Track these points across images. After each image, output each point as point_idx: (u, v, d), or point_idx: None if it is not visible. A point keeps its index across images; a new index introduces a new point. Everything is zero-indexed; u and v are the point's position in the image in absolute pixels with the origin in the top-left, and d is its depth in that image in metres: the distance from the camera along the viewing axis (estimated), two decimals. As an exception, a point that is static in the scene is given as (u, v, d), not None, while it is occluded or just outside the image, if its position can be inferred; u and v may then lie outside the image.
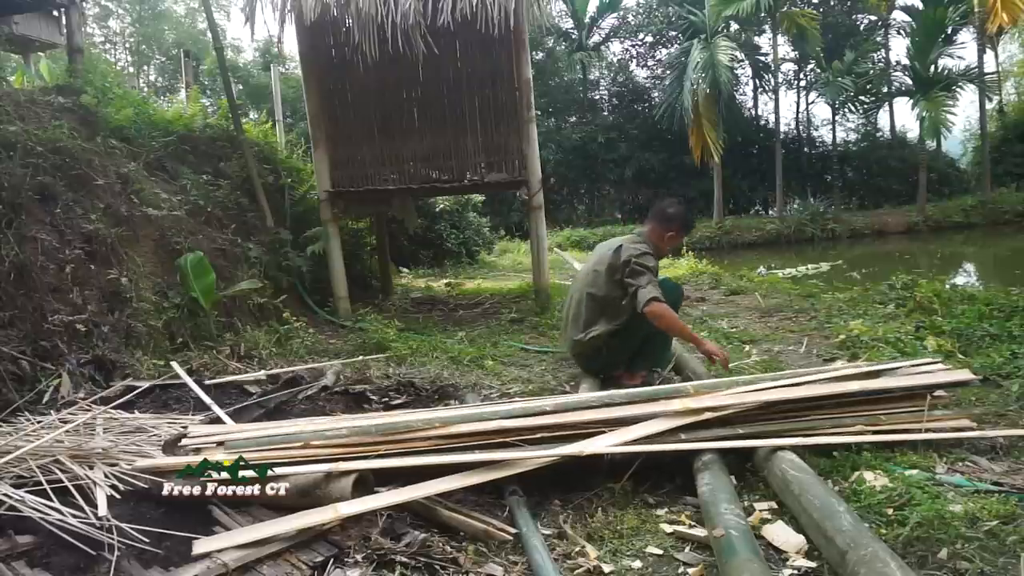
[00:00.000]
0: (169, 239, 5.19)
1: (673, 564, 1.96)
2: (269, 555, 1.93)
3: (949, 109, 20.00)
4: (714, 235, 21.39)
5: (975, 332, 4.07)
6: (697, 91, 21.01)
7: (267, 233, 6.56)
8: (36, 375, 3.60)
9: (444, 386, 3.89)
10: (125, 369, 3.98)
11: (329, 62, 6.81)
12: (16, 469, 2.46)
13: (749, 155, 26.95)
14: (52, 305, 3.92)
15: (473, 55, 6.67)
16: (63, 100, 5.51)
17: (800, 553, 1.91)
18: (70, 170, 4.70)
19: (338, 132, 6.74)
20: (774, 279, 9.23)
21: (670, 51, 26.31)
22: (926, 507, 1.94)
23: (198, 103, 8.87)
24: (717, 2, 20.59)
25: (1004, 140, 25.10)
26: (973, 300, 5.02)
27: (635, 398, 2.71)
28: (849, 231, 21.67)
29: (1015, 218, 20.58)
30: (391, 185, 6.80)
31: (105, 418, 3.11)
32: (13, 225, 4.03)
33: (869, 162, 26.37)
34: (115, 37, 33.10)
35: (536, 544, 1.96)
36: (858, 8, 26.23)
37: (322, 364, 4.47)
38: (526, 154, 6.53)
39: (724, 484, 2.17)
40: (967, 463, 2.37)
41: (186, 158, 6.44)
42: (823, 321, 5.34)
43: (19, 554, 2.03)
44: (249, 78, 26.96)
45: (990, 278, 12.15)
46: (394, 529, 2.08)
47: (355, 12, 6.04)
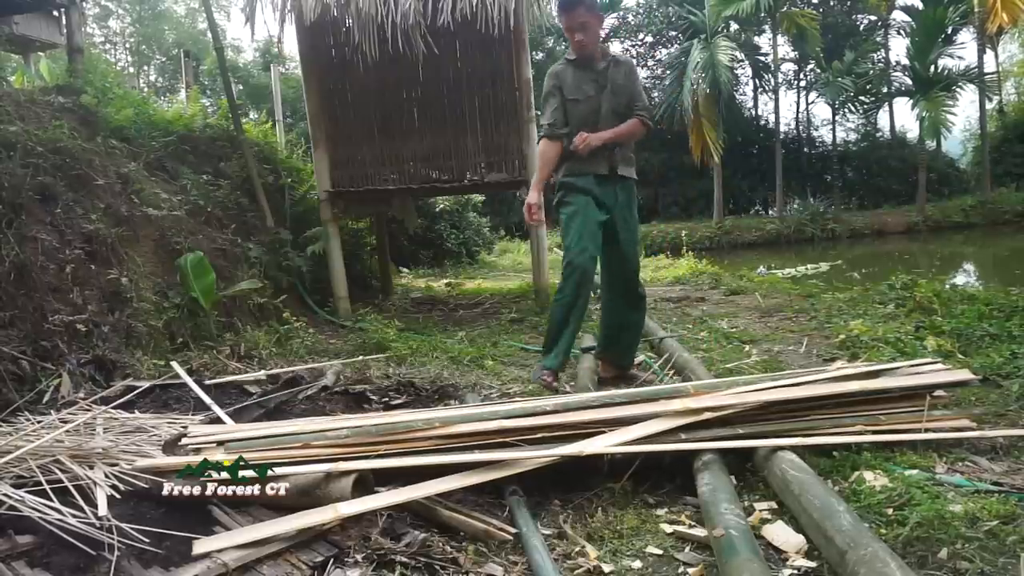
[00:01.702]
0: (169, 239, 5.19)
1: (673, 564, 1.96)
2: (269, 555, 1.93)
3: (949, 109, 20.01)
4: (714, 235, 21.40)
5: (975, 332, 4.07)
6: (697, 91, 21.02)
7: (267, 233, 6.56)
8: (36, 375, 3.61)
9: (444, 386, 3.89)
10: (125, 369, 3.99)
11: (329, 62, 6.81)
12: (16, 469, 2.46)
13: (749, 155, 26.95)
14: (52, 305, 3.92)
15: (473, 55, 6.68)
16: (63, 100, 5.51)
17: (800, 553, 1.91)
18: (70, 170, 4.70)
19: (338, 132, 6.75)
20: (774, 279, 9.23)
21: (670, 51, 26.31)
22: (926, 507, 1.94)
23: (198, 103, 8.87)
24: (717, 2, 20.59)
25: (1004, 140, 25.11)
26: (973, 300, 5.02)
27: (635, 398, 2.71)
28: (849, 231, 21.67)
29: (1015, 218, 20.58)
30: (391, 185, 6.81)
31: (105, 418, 3.11)
32: (13, 225, 4.03)
33: (869, 162, 26.37)
34: (115, 37, 33.12)
35: (536, 544, 1.96)
36: (858, 8, 26.23)
37: (322, 364, 4.47)
38: (526, 154, 6.53)
39: (724, 484, 2.17)
40: (967, 463, 2.37)
41: (186, 158, 6.44)
42: (823, 321, 5.34)
43: (19, 554, 2.02)
44: (249, 78, 26.98)
45: (990, 278, 12.16)
46: (394, 529, 2.08)
47: (355, 12, 6.05)
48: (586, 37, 3.57)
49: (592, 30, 3.59)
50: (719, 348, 4.74)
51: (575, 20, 3.54)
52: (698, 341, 5.02)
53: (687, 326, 5.67)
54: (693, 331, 5.41)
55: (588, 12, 3.54)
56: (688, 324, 5.78)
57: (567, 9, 3.59)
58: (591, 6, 3.58)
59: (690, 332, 5.36)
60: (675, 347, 4.37)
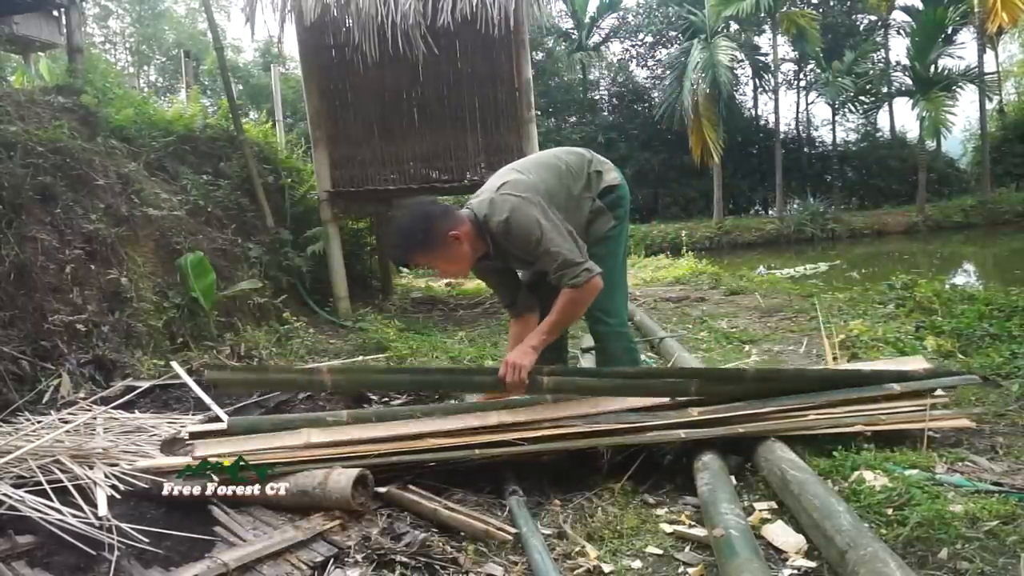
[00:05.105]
0: (169, 239, 5.19)
1: (673, 564, 1.96)
2: (269, 555, 1.93)
3: (949, 109, 20.00)
4: (714, 235, 21.39)
5: (975, 332, 4.06)
6: (697, 91, 21.01)
7: (267, 233, 6.56)
8: (36, 375, 3.61)
9: (444, 386, 3.88)
10: (125, 369, 3.99)
11: (329, 62, 6.81)
12: (16, 469, 2.46)
13: (749, 155, 26.94)
14: (52, 305, 3.92)
15: (473, 55, 6.67)
16: (63, 100, 5.51)
17: (800, 553, 1.91)
18: (70, 170, 4.70)
19: (338, 132, 6.75)
20: (774, 279, 9.23)
21: (670, 51, 26.29)
22: (926, 507, 1.94)
23: (198, 103, 8.87)
24: (717, 2, 20.58)
25: (1004, 140, 25.09)
26: (973, 300, 5.01)
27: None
28: (849, 231, 21.66)
29: (1015, 218, 20.57)
30: (391, 185, 6.81)
31: (105, 418, 3.11)
32: (13, 225, 4.03)
33: (869, 162, 26.36)
34: (115, 37, 33.09)
35: (536, 544, 1.96)
36: (858, 8, 26.22)
37: (322, 364, 4.47)
38: (526, 154, 6.53)
39: (724, 484, 2.18)
40: (967, 463, 2.37)
41: (186, 158, 6.44)
42: (823, 321, 5.33)
43: (19, 554, 2.03)
44: (249, 78, 26.96)
45: (990, 278, 12.14)
46: (394, 529, 2.09)
47: (355, 12, 6.06)
48: (441, 270, 2.89)
49: (443, 261, 2.61)
50: (719, 348, 4.75)
51: (418, 265, 2.95)
52: (698, 341, 5.02)
53: (687, 326, 5.67)
54: (693, 331, 5.41)
55: (424, 255, 2.58)
56: (688, 324, 5.78)
57: (403, 263, 3.02)
58: (414, 254, 2.59)
59: (690, 332, 5.37)
60: (675, 347, 4.37)
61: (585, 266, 2.49)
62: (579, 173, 2.76)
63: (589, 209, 2.74)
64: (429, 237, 2.47)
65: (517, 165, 2.81)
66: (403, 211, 2.55)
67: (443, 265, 2.64)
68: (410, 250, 2.55)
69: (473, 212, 2.57)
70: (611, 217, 2.79)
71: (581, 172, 2.76)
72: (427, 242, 2.48)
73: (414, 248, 2.52)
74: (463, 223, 2.52)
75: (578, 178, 2.75)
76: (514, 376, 2.48)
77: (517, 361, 2.49)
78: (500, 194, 2.53)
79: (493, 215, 2.50)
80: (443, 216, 2.51)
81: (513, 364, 2.49)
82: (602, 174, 2.80)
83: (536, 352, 2.55)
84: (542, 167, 2.73)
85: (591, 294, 2.54)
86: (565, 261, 2.47)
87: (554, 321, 2.58)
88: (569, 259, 2.47)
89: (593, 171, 2.79)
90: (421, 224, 2.47)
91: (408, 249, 2.55)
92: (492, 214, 2.51)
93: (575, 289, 2.50)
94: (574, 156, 2.83)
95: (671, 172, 26.21)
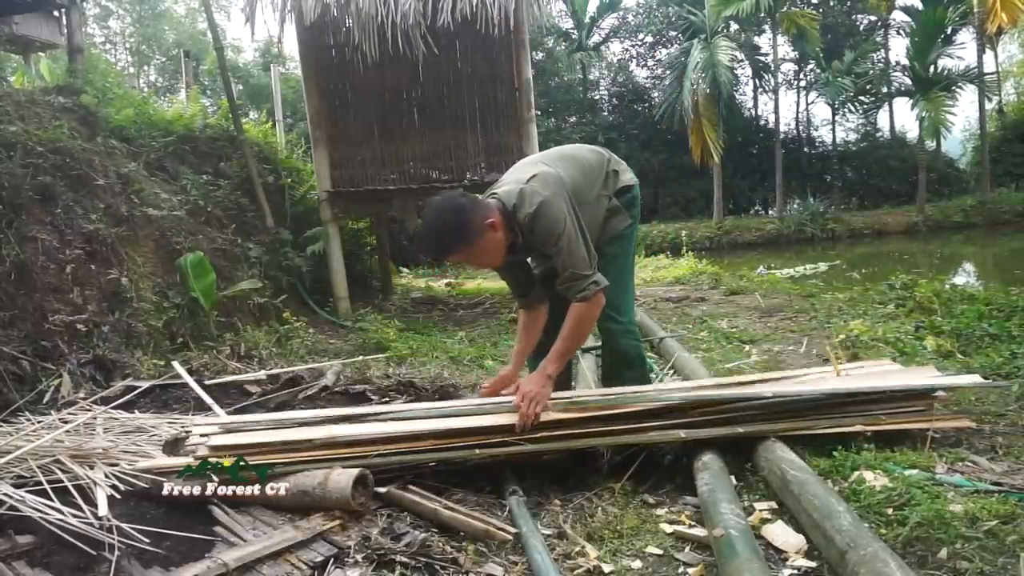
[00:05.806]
0: (169, 239, 5.20)
1: (673, 564, 1.96)
2: (269, 555, 1.93)
3: (949, 109, 19.99)
4: (714, 235, 21.38)
5: (975, 332, 4.07)
6: (697, 91, 21.01)
7: (267, 233, 6.57)
8: (36, 375, 3.61)
9: (444, 386, 3.89)
10: (125, 369, 3.99)
11: (329, 62, 6.81)
12: (16, 469, 2.46)
13: (749, 155, 26.93)
14: (52, 305, 3.92)
15: (473, 55, 6.68)
16: (63, 100, 5.51)
17: (800, 553, 1.91)
18: (70, 170, 4.70)
19: (338, 132, 6.75)
20: (774, 279, 9.23)
21: (670, 51, 26.29)
22: (926, 507, 1.94)
23: (198, 103, 8.87)
24: (717, 2, 20.58)
25: (1004, 140, 25.08)
26: (973, 300, 5.02)
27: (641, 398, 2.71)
28: (849, 231, 21.66)
29: (1015, 218, 20.55)
30: (391, 185, 6.81)
31: (105, 418, 3.11)
32: (13, 225, 4.03)
33: (869, 162, 26.35)
34: (115, 37, 33.08)
35: (536, 544, 1.96)
36: (858, 8, 26.22)
37: (322, 364, 4.46)
38: (526, 154, 6.53)
39: (724, 484, 2.17)
40: (967, 463, 2.37)
41: (186, 158, 6.44)
42: (823, 321, 5.34)
43: (19, 554, 2.03)
44: (249, 78, 26.94)
45: (990, 278, 12.14)
46: (394, 529, 2.09)
47: (355, 12, 6.06)
48: (475, 263, 2.77)
49: (480, 252, 2.52)
50: (719, 348, 4.75)
51: (453, 261, 2.90)
52: (698, 341, 5.02)
53: (687, 326, 5.67)
54: (693, 331, 5.41)
55: (463, 247, 2.48)
56: (688, 324, 5.78)
57: (438, 259, 2.92)
58: (452, 248, 2.49)
59: (690, 332, 5.37)
60: (675, 347, 4.37)
61: (593, 279, 2.48)
62: (599, 171, 2.77)
63: (606, 207, 2.76)
64: (467, 229, 2.41)
65: (542, 157, 2.81)
66: (431, 208, 2.49)
67: (479, 256, 2.56)
68: (450, 244, 2.46)
69: (501, 201, 2.52)
70: (627, 216, 2.81)
71: (601, 170, 2.78)
72: (466, 234, 2.42)
73: (454, 242, 2.44)
74: (494, 212, 2.48)
75: (598, 176, 2.76)
76: (530, 410, 2.41)
77: (534, 395, 2.43)
78: (530, 185, 2.50)
79: (522, 205, 2.46)
80: (475, 207, 2.46)
81: (531, 398, 2.42)
82: (619, 174, 2.82)
83: (552, 381, 2.52)
84: (567, 161, 2.71)
85: (598, 307, 2.53)
86: (576, 267, 2.47)
87: (567, 345, 2.56)
88: (580, 266, 2.47)
89: (611, 170, 2.80)
90: (456, 217, 2.41)
91: (447, 244, 2.47)
92: (521, 204, 2.47)
93: (584, 304, 2.49)
94: (594, 154, 2.84)
95: (671, 172, 26.21)
